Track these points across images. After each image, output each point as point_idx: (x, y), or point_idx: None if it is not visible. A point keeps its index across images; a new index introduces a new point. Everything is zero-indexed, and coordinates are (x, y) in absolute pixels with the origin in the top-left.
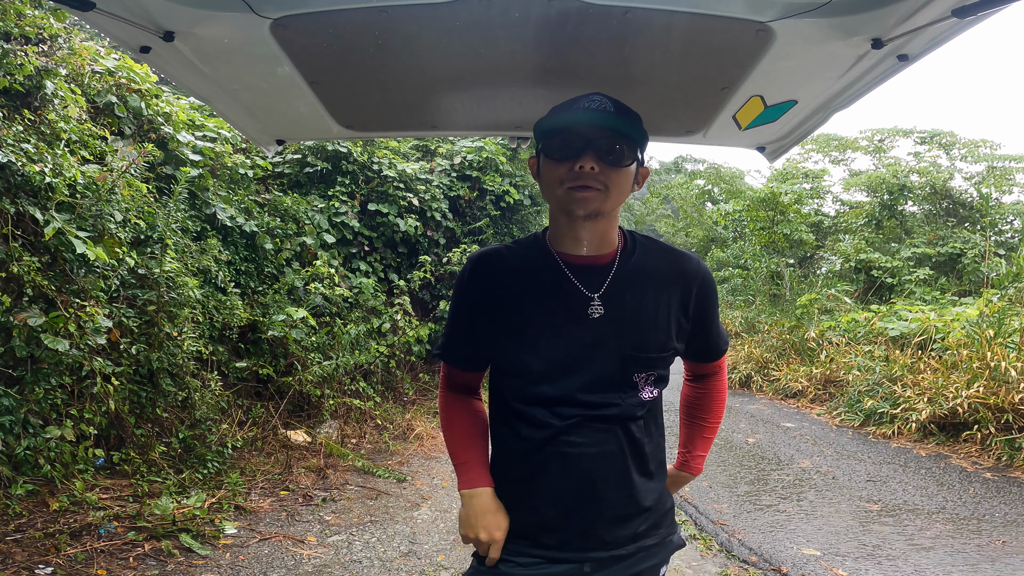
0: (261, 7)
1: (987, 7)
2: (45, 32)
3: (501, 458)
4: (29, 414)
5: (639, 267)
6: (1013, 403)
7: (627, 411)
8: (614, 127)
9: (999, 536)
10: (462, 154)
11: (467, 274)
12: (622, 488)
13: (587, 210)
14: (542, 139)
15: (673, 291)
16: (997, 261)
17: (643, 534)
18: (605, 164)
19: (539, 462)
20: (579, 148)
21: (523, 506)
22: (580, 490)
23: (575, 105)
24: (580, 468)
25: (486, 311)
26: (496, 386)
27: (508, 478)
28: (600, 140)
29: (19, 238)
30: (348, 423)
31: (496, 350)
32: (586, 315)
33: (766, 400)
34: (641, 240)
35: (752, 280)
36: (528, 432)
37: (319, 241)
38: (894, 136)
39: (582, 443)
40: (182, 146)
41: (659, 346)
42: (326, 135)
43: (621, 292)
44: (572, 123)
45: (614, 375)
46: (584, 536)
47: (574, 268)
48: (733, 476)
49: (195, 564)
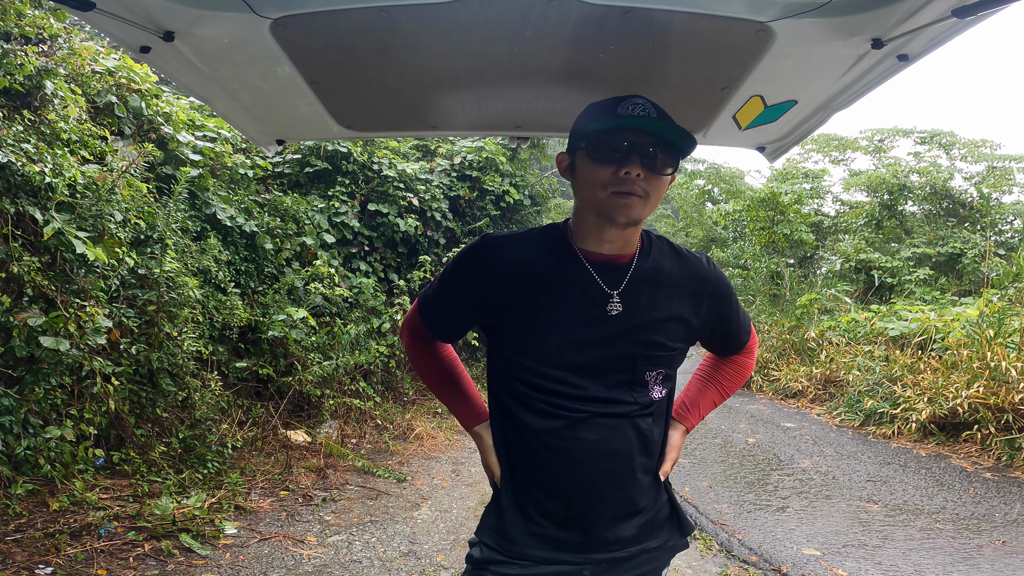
0: (261, 7)
1: (987, 7)
2: (45, 32)
3: (505, 448)
4: (29, 414)
5: (655, 267)
6: (1013, 403)
7: (636, 410)
8: (662, 134)
9: (999, 536)
10: (462, 154)
11: (475, 255)
12: (628, 487)
13: (628, 217)
14: (585, 138)
15: (686, 295)
16: (997, 261)
17: (645, 535)
18: (649, 171)
19: (545, 456)
20: (626, 152)
21: (526, 499)
22: (585, 487)
23: (619, 107)
24: (587, 465)
25: (486, 297)
26: (502, 373)
27: (512, 470)
28: (646, 146)
29: (19, 238)
30: (348, 423)
31: (504, 337)
32: (604, 311)
33: (766, 400)
34: (656, 240)
35: (752, 280)
36: (536, 423)
37: (319, 241)
38: (894, 136)
39: (591, 439)
40: (182, 146)
41: (668, 345)
42: (326, 135)
43: (638, 291)
44: (621, 126)
45: (626, 372)
46: (586, 535)
47: (596, 265)
48: (733, 476)
49: (195, 564)
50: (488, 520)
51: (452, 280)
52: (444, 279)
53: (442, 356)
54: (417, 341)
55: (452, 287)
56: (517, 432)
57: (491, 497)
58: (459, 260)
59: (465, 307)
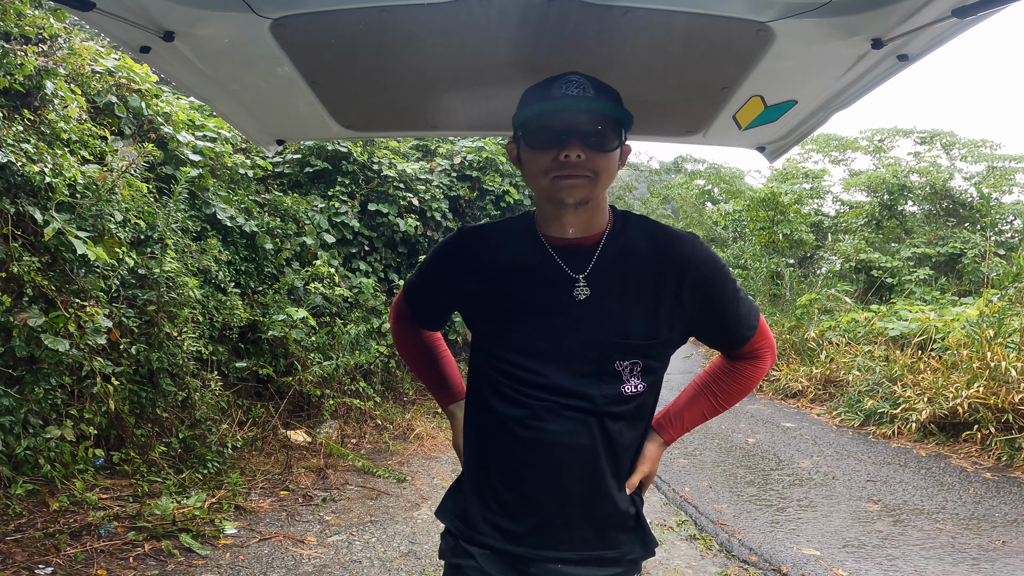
0: (261, 7)
1: (987, 7)
2: (45, 32)
3: (474, 433)
4: (29, 414)
5: (627, 249)
6: (1013, 403)
7: (605, 404)
8: (598, 110)
9: (999, 536)
10: (462, 154)
11: (450, 247)
12: (590, 486)
13: (576, 198)
14: (522, 126)
15: (663, 276)
16: (997, 261)
17: (603, 543)
18: (591, 149)
19: (509, 443)
20: (563, 135)
21: (485, 486)
22: (544, 480)
23: (553, 88)
24: (547, 457)
25: (460, 287)
26: (479, 362)
27: (476, 455)
28: (584, 125)
29: (19, 238)
30: (348, 423)
31: (480, 326)
32: (571, 296)
33: (766, 400)
34: (634, 221)
35: (752, 280)
36: (503, 410)
37: (319, 241)
38: (894, 136)
39: (555, 431)
40: (182, 146)
41: (644, 333)
42: (326, 135)
43: (606, 274)
44: (552, 109)
45: (594, 361)
46: (540, 531)
47: (559, 250)
48: (733, 476)
49: (195, 564)
50: (448, 501)
51: (430, 270)
52: (424, 269)
53: (424, 337)
54: (402, 324)
55: (430, 277)
56: (486, 418)
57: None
58: (437, 251)
59: (441, 297)
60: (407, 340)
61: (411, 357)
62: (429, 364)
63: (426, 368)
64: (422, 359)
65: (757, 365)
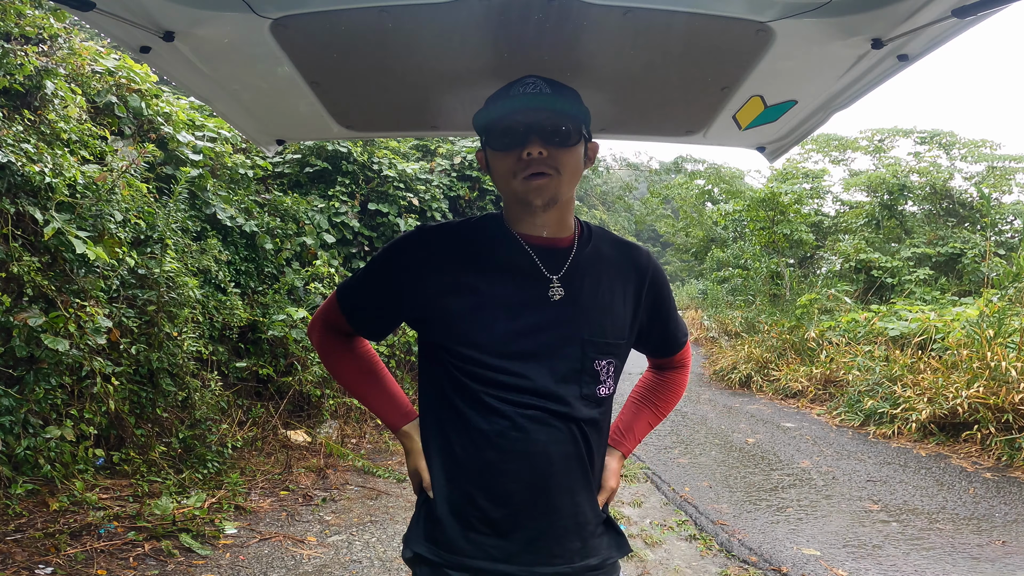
0: (261, 7)
1: (987, 7)
2: (45, 32)
3: (442, 451)
4: (29, 414)
5: (596, 253)
6: (1013, 403)
7: (584, 408)
8: (554, 107)
9: (999, 536)
10: (462, 154)
11: (407, 245)
12: (576, 495)
13: (544, 198)
14: (483, 132)
15: (627, 281)
16: (997, 261)
17: (588, 552)
18: (552, 146)
19: (491, 457)
20: (523, 135)
21: (466, 507)
22: (535, 493)
23: (510, 92)
24: (534, 469)
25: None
26: (441, 371)
27: (448, 475)
28: (543, 123)
29: (19, 238)
30: (348, 423)
31: (443, 329)
32: (546, 297)
33: (766, 400)
34: (596, 229)
35: (752, 280)
36: (483, 423)
37: (319, 241)
38: (894, 136)
39: (542, 440)
40: (182, 146)
41: (616, 332)
42: (326, 135)
43: (579, 276)
44: (510, 110)
45: (575, 360)
46: (532, 546)
47: (537, 248)
48: (733, 476)
49: (195, 564)
50: (415, 530)
51: (380, 271)
52: (371, 270)
53: (360, 352)
54: (333, 338)
55: (380, 278)
56: (460, 435)
57: (416, 505)
58: (389, 250)
59: (393, 300)
60: (342, 356)
61: (349, 375)
62: (373, 381)
63: (369, 385)
64: (364, 376)
65: (683, 373)
